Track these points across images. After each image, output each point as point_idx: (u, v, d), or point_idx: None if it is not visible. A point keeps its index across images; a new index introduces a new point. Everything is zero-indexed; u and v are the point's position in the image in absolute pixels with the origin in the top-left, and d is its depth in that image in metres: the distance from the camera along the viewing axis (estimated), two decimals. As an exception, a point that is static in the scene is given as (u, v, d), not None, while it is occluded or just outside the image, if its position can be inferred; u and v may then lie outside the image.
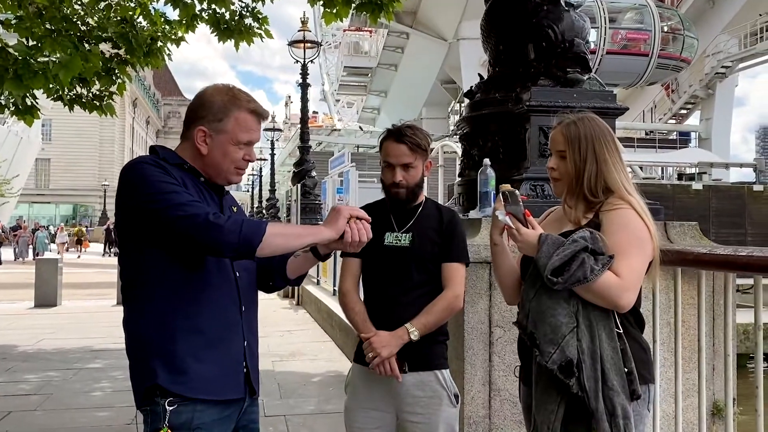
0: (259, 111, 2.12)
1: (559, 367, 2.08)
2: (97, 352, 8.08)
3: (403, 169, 2.66)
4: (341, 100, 58.43)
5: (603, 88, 3.90)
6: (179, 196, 1.93)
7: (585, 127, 2.26)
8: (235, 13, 7.97)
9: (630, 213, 2.16)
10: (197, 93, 2.17)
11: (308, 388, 6.44)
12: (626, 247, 2.11)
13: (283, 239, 1.97)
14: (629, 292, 2.09)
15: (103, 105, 8.36)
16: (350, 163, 22.09)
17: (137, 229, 1.98)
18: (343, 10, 7.56)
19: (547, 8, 3.90)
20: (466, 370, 3.34)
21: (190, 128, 2.11)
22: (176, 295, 1.99)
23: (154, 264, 1.99)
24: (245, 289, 2.17)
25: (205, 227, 1.87)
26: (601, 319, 2.11)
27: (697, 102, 37.08)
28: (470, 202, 3.99)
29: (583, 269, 2.05)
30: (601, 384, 2.05)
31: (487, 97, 4.07)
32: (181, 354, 1.97)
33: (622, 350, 2.09)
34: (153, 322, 1.99)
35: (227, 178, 2.13)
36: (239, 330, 2.12)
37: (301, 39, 16.10)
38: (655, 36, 31.52)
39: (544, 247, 2.14)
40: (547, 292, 2.14)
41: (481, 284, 3.36)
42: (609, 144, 2.25)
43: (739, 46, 33.25)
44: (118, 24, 7.91)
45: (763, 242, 16.84)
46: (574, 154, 2.25)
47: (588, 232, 2.13)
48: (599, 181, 2.21)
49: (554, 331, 2.10)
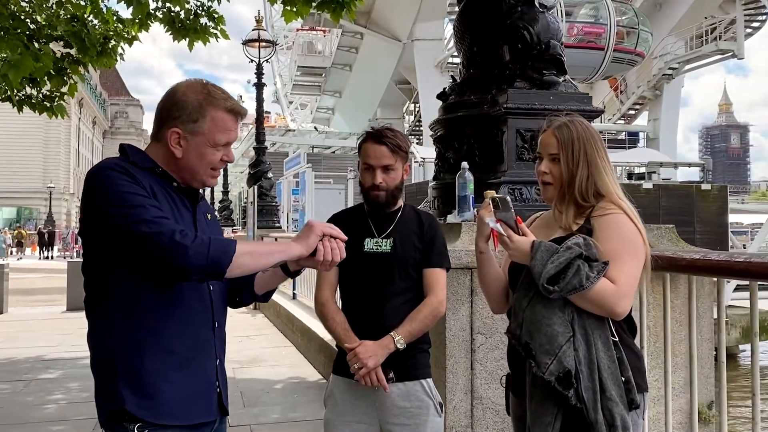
0: (237, 109, 1.99)
1: (556, 379, 2.01)
2: (48, 361, 7.77)
3: (383, 172, 2.59)
4: (294, 102, 57.98)
5: (579, 91, 3.87)
6: (144, 211, 1.79)
7: (577, 129, 2.21)
8: (190, 11, 7.79)
9: (622, 218, 2.11)
10: (168, 91, 2.01)
11: (272, 396, 6.30)
12: (621, 253, 2.06)
13: (252, 259, 1.87)
14: (626, 299, 2.04)
15: (53, 106, 8.08)
16: (306, 164, 21.98)
17: (102, 240, 1.84)
18: (303, 8, 7.45)
19: (522, 9, 3.86)
20: (447, 379, 3.27)
21: (162, 129, 1.95)
22: (145, 311, 1.86)
23: (122, 277, 1.85)
24: (218, 304, 2.06)
25: (170, 249, 1.74)
26: (597, 327, 2.06)
27: (645, 103, 37.98)
28: (446, 205, 3.92)
29: (579, 277, 2.00)
30: (599, 395, 1.99)
31: (461, 99, 4.01)
32: (150, 375, 1.85)
33: (618, 359, 2.04)
34: (119, 340, 1.86)
35: (203, 181, 1.99)
36: (212, 348, 2.00)
37: (256, 38, 15.86)
38: (611, 30, 31.82)
39: (538, 255, 2.08)
40: (541, 300, 2.08)
41: (463, 290, 3.29)
42: (599, 147, 2.21)
43: (685, 48, 34.16)
44: (69, 22, 7.65)
45: (710, 240, 17.25)
46: (567, 158, 2.20)
47: (581, 238, 2.08)
48: (590, 186, 2.17)
49: (550, 342, 2.04)
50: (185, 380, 1.90)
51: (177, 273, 1.80)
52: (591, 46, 31.72)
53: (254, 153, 17.07)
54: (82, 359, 7.54)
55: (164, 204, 1.88)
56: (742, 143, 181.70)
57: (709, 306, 3.44)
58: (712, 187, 20.83)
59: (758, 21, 34.69)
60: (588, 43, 31.70)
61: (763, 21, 34.76)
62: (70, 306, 12.07)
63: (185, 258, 1.74)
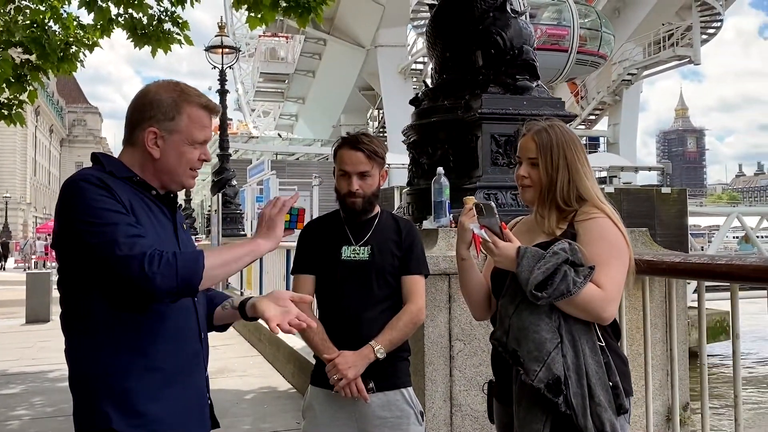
0: (211, 106, 1.94)
1: (546, 386, 1.99)
2: (10, 376, 7.53)
3: (359, 178, 2.55)
4: (257, 109, 57.62)
5: (552, 96, 3.89)
6: (118, 230, 1.71)
7: (556, 134, 2.20)
8: (153, 17, 7.64)
9: (606, 222, 2.11)
10: (139, 92, 1.94)
11: (242, 407, 6.19)
12: (606, 257, 2.05)
13: (223, 269, 1.82)
14: (612, 303, 2.04)
15: (12, 114, 7.86)
16: (270, 171, 21.80)
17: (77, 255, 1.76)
18: (269, 14, 7.37)
19: (494, 15, 3.86)
20: (426, 387, 3.24)
21: (137, 131, 1.88)
22: (128, 330, 1.78)
23: (101, 292, 1.76)
24: (203, 314, 1.99)
25: (139, 277, 1.68)
26: (584, 332, 2.04)
27: (605, 108, 38.62)
28: (421, 211, 3.90)
29: (566, 282, 1.98)
30: (588, 400, 1.98)
31: (434, 105, 3.99)
32: (137, 394, 1.77)
33: (606, 364, 2.03)
34: (102, 360, 1.77)
35: (182, 182, 1.93)
36: (201, 360, 1.93)
37: (219, 44, 15.70)
38: (574, 32, 32.04)
39: (524, 261, 2.05)
40: (528, 307, 2.05)
41: (441, 297, 3.27)
42: (579, 152, 2.20)
43: (643, 54, 34.85)
44: (28, 28, 7.47)
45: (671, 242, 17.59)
46: (546, 163, 2.18)
47: (567, 243, 2.06)
48: (572, 190, 2.16)
49: (539, 348, 2.02)
50: (177, 396, 1.83)
51: (148, 298, 1.74)
52: (555, 48, 31.84)
53: (218, 160, 16.87)
54: (45, 373, 7.35)
55: (143, 217, 1.81)
56: (698, 147, 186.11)
57: (683, 308, 3.47)
58: (672, 190, 21.28)
59: (713, 27, 35.56)
60: (552, 45, 31.79)
61: (718, 27, 35.64)
62: (30, 318, 11.77)
63: (154, 285, 1.68)
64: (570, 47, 31.96)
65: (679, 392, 2.88)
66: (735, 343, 2.26)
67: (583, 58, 33.00)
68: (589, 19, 33.20)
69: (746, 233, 24.10)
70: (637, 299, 3.11)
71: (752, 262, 2.15)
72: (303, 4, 7.25)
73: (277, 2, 7.14)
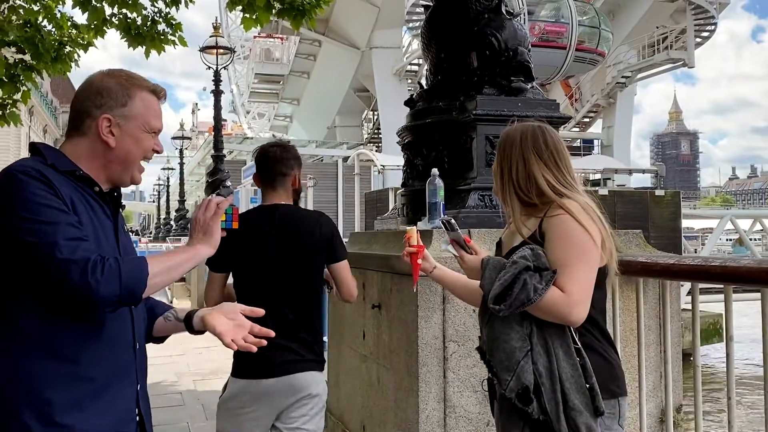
0: (158, 90, 1.88)
1: (516, 395, 2.02)
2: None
3: None
4: (252, 111, 57.52)
5: (546, 98, 3.89)
6: (59, 230, 1.60)
7: (513, 129, 2.24)
8: (147, 18, 7.63)
9: (567, 220, 2.06)
10: (84, 83, 1.87)
11: (236, 408, 6.18)
12: (568, 259, 2.03)
13: (166, 277, 1.73)
14: (578, 306, 2.01)
15: (6, 114, 7.83)
16: (265, 172, 21.77)
17: (5, 253, 1.63)
18: (263, 15, 7.36)
19: (489, 16, 3.85)
20: (420, 388, 3.22)
21: (87, 121, 1.80)
22: (58, 334, 1.66)
23: (32, 295, 1.64)
24: (139, 323, 1.88)
25: (79, 285, 1.57)
26: (557, 336, 2.04)
27: (599, 110, 38.69)
28: (415, 213, 3.89)
29: (526, 291, 1.98)
30: (562, 405, 1.98)
31: (429, 106, 3.99)
32: (61, 405, 1.64)
33: (582, 366, 2.02)
34: (26, 366, 1.64)
35: (133, 175, 1.87)
36: (132, 372, 1.83)
37: (213, 45, 15.68)
38: (573, 29, 31.72)
39: (486, 273, 2.09)
40: (498, 317, 2.07)
41: (435, 298, 3.25)
42: (540, 145, 2.17)
43: (637, 57, 34.92)
44: (21, 27, 7.45)
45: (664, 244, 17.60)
46: (499, 156, 2.24)
47: (529, 249, 2.06)
48: (530, 182, 2.14)
49: (509, 358, 2.04)
50: (103, 408, 1.71)
51: (85, 307, 1.64)
52: (553, 45, 31.56)
53: (212, 161, 16.84)
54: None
55: (84, 216, 1.71)
56: (691, 150, 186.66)
57: (676, 310, 3.47)
58: (665, 193, 21.32)
59: (707, 30, 35.67)
60: (550, 42, 31.53)
61: (712, 31, 35.75)
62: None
63: (94, 294, 1.58)
64: (568, 44, 31.66)
65: (672, 394, 2.89)
66: (729, 345, 2.27)
67: (582, 55, 32.72)
68: (587, 17, 32.91)
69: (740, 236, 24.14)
70: (631, 301, 3.11)
71: (746, 264, 2.16)
72: (297, 6, 7.25)
73: (272, 4, 7.13)
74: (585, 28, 32.54)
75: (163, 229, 40.84)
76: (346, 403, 4.39)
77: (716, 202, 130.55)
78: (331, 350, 4.82)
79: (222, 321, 1.81)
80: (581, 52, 32.50)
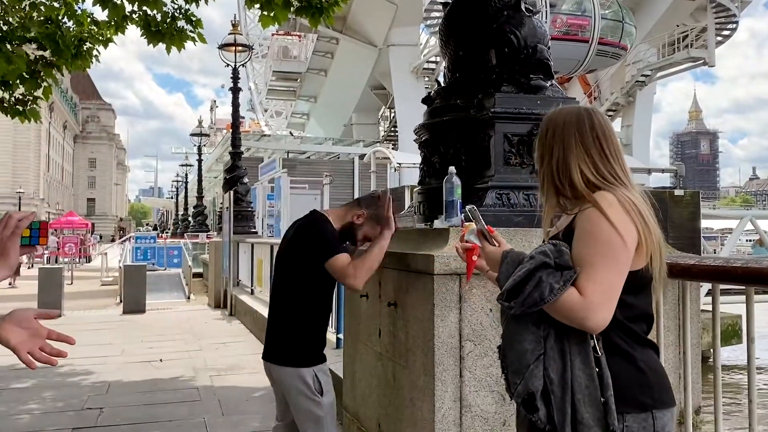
0: None
1: (522, 401, 1.88)
2: (21, 370, 7.55)
3: None
4: (269, 110, 57.73)
5: (566, 95, 3.86)
6: None
7: (556, 112, 2.04)
8: (167, 15, 7.68)
9: (593, 215, 1.86)
10: None
11: (251, 404, 6.20)
12: (590, 257, 1.83)
13: None
14: (597, 311, 1.80)
15: (26, 110, 7.90)
16: (282, 169, 21.82)
17: None
18: (281, 13, 7.39)
19: (508, 13, 3.83)
20: (436, 387, 3.21)
21: None
22: None
23: None
24: None
25: None
26: (576, 342, 1.85)
27: (619, 109, 38.42)
28: (432, 210, 3.88)
29: (540, 289, 1.81)
30: (570, 417, 1.82)
31: (447, 104, 3.97)
32: None
33: (599, 376, 1.83)
34: None
35: None
36: None
37: (232, 42, 15.74)
38: (596, 22, 31.10)
39: (503, 267, 1.94)
40: (516, 316, 1.90)
41: (451, 297, 3.24)
42: (583, 128, 1.97)
43: (657, 56, 34.66)
44: (42, 24, 7.52)
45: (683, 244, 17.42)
46: (540, 147, 2.03)
47: (552, 245, 1.90)
48: (565, 172, 1.96)
49: (519, 360, 1.88)
50: None
51: None
52: (575, 38, 30.98)
53: (230, 158, 16.90)
54: (55, 368, 7.38)
55: None
56: (711, 150, 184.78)
57: (696, 311, 3.43)
58: (685, 193, 21.09)
59: (728, 29, 35.35)
60: (572, 35, 30.95)
61: (733, 29, 35.40)
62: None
63: None
64: (591, 38, 30.99)
65: (691, 396, 2.85)
66: (750, 347, 2.23)
67: (604, 49, 31.92)
68: (610, 10, 32.16)
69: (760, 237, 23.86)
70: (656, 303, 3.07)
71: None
72: (315, 4, 7.27)
73: (290, 2, 7.15)
74: (608, 22, 31.85)
75: (181, 225, 41.11)
76: (361, 400, 4.39)
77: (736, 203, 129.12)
78: (346, 348, 4.82)
79: (15, 332, 1.59)
80: (604, 45, 31.81)
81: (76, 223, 40.80)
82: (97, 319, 12.71)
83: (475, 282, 3.26)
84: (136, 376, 7.35)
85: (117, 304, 13.88)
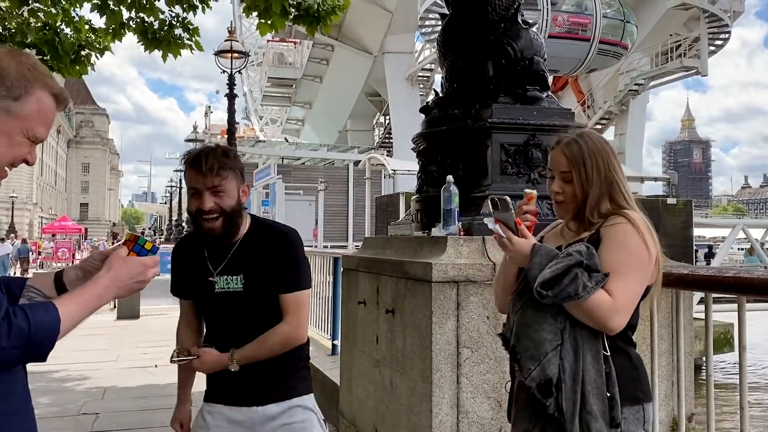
0: (62, 97, 1.52)
1: (537, 386, 2.00)
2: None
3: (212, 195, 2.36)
4: (264, 117, 57.74)
5: (561, 107, 3.92)
6: None
7: (587, 145, 2.16)
8: (164, 22, 7.71)
9: (629, 230, 2.05)
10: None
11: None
12: (623, 267, 2.01)
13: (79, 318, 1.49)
14: (620, 315, 1.99)
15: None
16: (276, 175, 21.84)
17: None
18: (279, 21, 7.43)
19: (505, 26, 3.90)
20: (434, 393, 3.26)
21: None
22: None
23: None
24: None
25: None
26: (588, 339, 2.02)
27: (612, 118, 38.62)
28: (429, 219, 3.92)
29: (575, 285, 1.96)
30: (579, 407, 1.96)
31: (445, 113, 4.03)
32: None
33: (606, 374, 2.00)
34: None
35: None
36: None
37: (228, 49, 15.77)
38: (597, 21, 30.93)
39: (536, 258, 2.04)
40: (534, 305, 2.05)
41: (449, 304, 3.29)
42: (613, 161, 2.17)
43: (651, 65, 34.84)
44: (40, 30, 7.54)
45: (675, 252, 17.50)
46: (580, 176, 2.14)
47: (584, 246, 2.04)
48: (603, 204, 2.12)
49: (537, 347, 2.02)
50: None
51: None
52: (577, 37, 30.79)
53: (225, 164, 16.89)
54: (51, 373, 7.38)
55: None
56: (704, 158, 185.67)
57: (689, 320, 3.49)
58: (677, 201, 21.23)
59: (721, 39, 35.58)
60: (573, 34, 30.74)
61: (725, 39, 35.65)
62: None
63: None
64: (592, 36, 30.83)
65: (684, 403, 2.90)
66: (741, 354, 2.28)
67: (606, 48, 31.82)
68: (612, 9, 32.03)
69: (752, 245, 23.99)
70: (644, 310, 3.12)
71: (760, 275, 2.17)
72: (312, 13, 7.33)
73: (287, 10, 7.20)
74: (609, 20, 31.68)
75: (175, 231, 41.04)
76: (358, 406, 4.42)
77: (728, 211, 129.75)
78: (343, 354, 4.86)
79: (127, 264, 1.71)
80: (605, 44, 31.68)
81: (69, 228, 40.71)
82: (91, 325, 12.66)
83: (472, 290, 3.31)
84: (131, 382, 7.36)
85: (111, 309, 13.84)
